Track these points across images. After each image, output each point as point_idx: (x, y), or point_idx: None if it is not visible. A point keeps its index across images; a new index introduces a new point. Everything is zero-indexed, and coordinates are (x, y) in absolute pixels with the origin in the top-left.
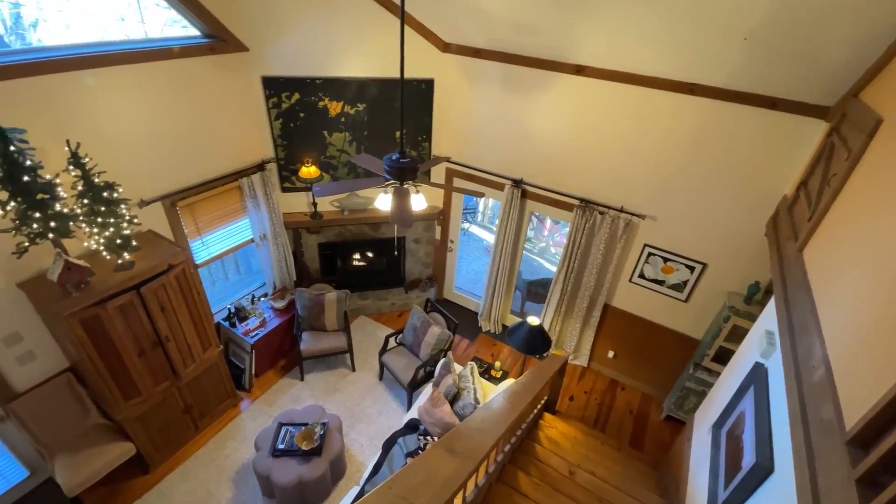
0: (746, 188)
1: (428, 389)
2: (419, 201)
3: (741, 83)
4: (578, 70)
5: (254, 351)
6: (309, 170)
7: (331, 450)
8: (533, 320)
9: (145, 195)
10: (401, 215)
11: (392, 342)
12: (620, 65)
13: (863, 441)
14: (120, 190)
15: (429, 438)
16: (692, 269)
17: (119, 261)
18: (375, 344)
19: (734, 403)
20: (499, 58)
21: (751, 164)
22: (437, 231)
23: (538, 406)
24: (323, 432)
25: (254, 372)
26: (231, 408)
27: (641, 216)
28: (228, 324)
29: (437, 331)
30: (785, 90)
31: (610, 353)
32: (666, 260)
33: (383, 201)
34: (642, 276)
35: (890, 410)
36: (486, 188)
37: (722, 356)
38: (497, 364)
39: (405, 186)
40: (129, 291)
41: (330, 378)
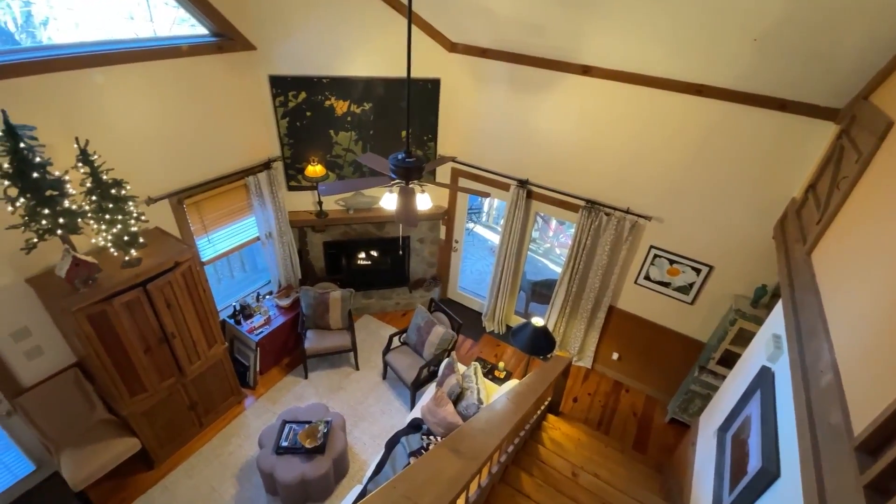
0: (754, 190)
1: (431, 389)
2: (424, 201)
3: (750, 85)
4: (585, 70)
5: (258, 348)
6: (315, 168)
7: (334, 448)
8: (537, 321)
9: (153, 192)
10: (406, 215)
11: (396, 341)
12: (627, 65)
13: (871, 447)
14: (128, 187)
15: (432, 438)
16: (698, 272)
17: (126, 257)
18: (379, 343)
19: (740, 407)
20: (505, 58)
21: (759, 166)
22: (442, 231)
23: (542, 407)
24: (326, 430)
25: (258, 369)
26: (235, 405)
27: (648, 217)
28: (234, 321)
29: (441, 330)
30: (795, 92)
31: (614, 355)
32: (672, 262)
33: (388, 201)
34: (648, 278)
35: None
36: (492, 188)
37: (727, 359)
38: (501, 365)
39: (411, 186)
40: (136, 288)
41: (334, 376)
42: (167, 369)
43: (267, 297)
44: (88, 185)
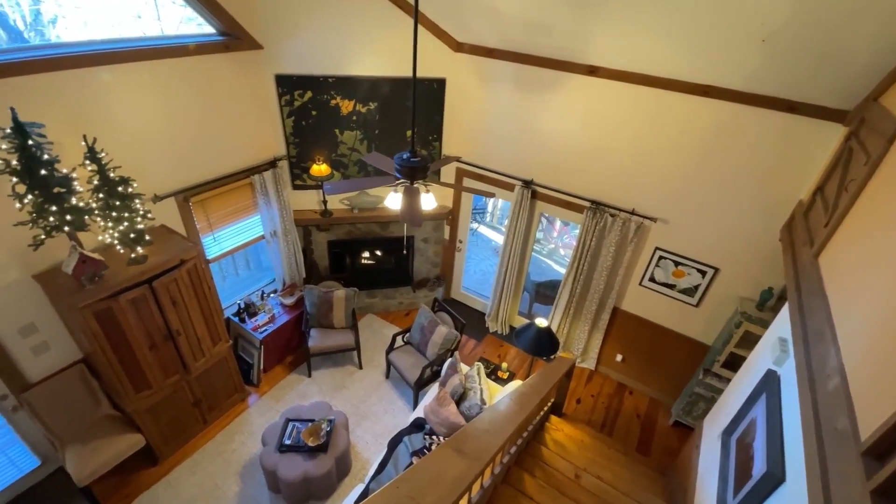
0: (761, 192)
1: (434, 389)
2: (429, 201)
3: (758, 86)
4: (591, 71)
5: (262, 346)
6: (320, 168)
7: (337, 446)
8: (541, 322)
9: (159, 190)
10: (410, 214)
11: (399, 341)
12: (634, 66)
13: (878, 452)
14: (134, 185)
15: (434, 438)
16: (704, 274)
17: (132, 255)
18: (382, 342)
19: (745, 411)
20: (511, 58)
21: (766, 168)
22: (446, 231)
23: (545, 408)
24: (329, 429)
25: (262, 367)
26: (239, 402)
27: (653, 219)
28: (238, 319)
29: (445, 330)
30: (803, 93)
31: (618, 357)
32: (677, 264)
33: (393, 200)
34: (653, 280)
35: None
36: (496, 188)
37: (733, 362)
38: (504, 365)
39: (415, 186)
40: (142, 285)
41: (337, 375)
42: (172, 366)
43: (271, 296)
44: (96, 183)
